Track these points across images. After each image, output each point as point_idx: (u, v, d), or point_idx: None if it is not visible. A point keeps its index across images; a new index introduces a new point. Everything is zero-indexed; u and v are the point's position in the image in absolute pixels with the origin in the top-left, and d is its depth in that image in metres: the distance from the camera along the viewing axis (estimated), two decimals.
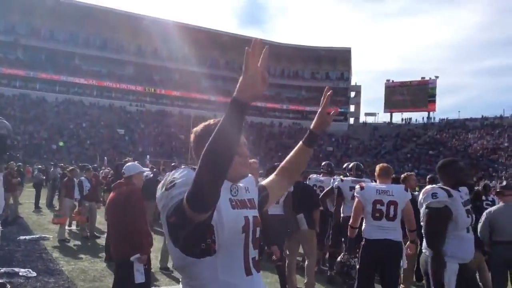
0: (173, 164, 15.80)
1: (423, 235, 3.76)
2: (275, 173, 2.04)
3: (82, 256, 8.09)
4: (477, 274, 5.75)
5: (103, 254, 8.13)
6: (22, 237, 9.34)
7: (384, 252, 4.56)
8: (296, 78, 68.66)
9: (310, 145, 2.00)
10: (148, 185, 11.36)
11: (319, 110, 1.95)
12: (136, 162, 5.32)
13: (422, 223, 3.79)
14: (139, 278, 4.10)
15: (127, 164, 4.74)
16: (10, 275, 6.18)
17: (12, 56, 54.99)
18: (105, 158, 28.73)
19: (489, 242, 5.30)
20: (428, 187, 3.91)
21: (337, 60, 67.38)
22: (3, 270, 6.37)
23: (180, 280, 1.65)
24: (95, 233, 10.15)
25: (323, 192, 7.41)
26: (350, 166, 7.19)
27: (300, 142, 2.01)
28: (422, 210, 3.78)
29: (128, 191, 4.39)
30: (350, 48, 68.12)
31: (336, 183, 6.83)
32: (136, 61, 60.65)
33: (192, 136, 1.73)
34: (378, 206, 4.63)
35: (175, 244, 1.54)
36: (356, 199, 4.83)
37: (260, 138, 57.41)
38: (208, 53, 64.76)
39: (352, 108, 69.35)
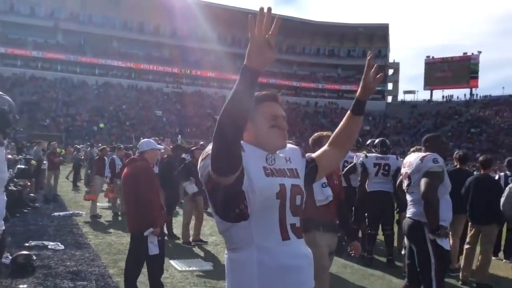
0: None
1: (423, 200, 3.72)
2: (327, 144, 2.02)
3: (111, 231, 8.42)
4: None
5: None
6: (56, 213, 9.81)
7: None
8: (332, 57, 67.52)
9: (358, 112, 1.95)
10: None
11: (363, 76, 1.90)
12: (152, 139, 5.50)
13: (421, 188, 3.74)
14: (153, 250, 4.24)
15: (141, 141, 4.87)
16: (39, 248, 6.53)
17: (52, 41, 56.73)
18: (141, 138, 29.36)
19: None
20: (424, 154, 3.89)
21: (374, 37, 65.72)
22: (33, 243, 6.73)
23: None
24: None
25: (346, 168, 7.40)
26: (375, 142, 7.09)
27: (348, 111, 1.98)
28: (417, 176, 3.80)
29: (139, 167, 4.51)
30: (387, 24, 66.45)
31: (361, 159, 6.78)
32: (172, 43, 61.31)
33: None
34: None
35: (214, 210, 1.65)
36: None
37: (295, 118, 57.16)
38: (243, 34, 64.60)
39: (390, 86, 67.78)
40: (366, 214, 7.02)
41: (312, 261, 1.76)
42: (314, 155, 1.99)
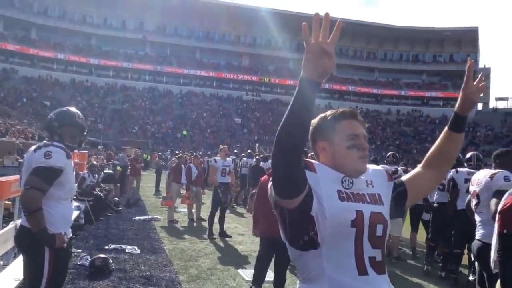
0: None
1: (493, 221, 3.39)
2: (420, 165, 1.79)
3: (186, 236, 8.67)
4: None
5: (205, 236, 8.67)
6: (136, 217, 10.31)
7: None
8: (416, 62, 64.86)
9: (457, 129, 1.69)
10: (253, 172, 11.82)
11: (462, 86, 1.68)
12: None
13: (491, 208, 3.42)
14: None
15: None
16: (117, 251, 6.89)
17: (141, 52, 60.22)
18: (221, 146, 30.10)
19: None
20: (494, 171, 3.59)
21: (462, 41, 62.12)
22: (113, 246, 7.12)
23: None
24: (201, 216, 10.78)
25: None
26: (469, 156, 6.54)
27: (446, 128, 1.72)
28: (486, 195, 3.51)
29: None
30: (477, 27, 62.37)
31: (450, 173, 6.31)
32: (251, 52, 62.58)
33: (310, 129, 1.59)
34: None
35: (283, 236, 1.53)
36: None
37: (376, 126, 55.57)
38: None
39: None
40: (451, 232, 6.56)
41: None
42: (404, 178, 1.76)
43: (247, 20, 57.83)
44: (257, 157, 12.78)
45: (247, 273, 6.13)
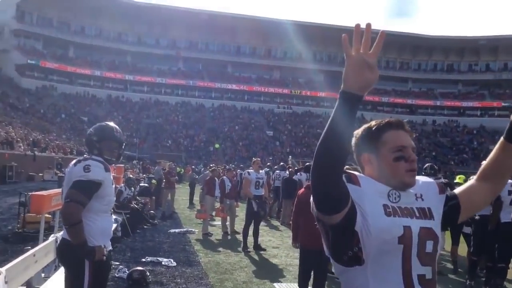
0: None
1: None
2: (475, 178, 1.68)
3: (220, 249, 8.67)
4: None
5: (239, 249, 8.64)
6: (172, 230, 10.41)
7: None
8: (451, 72, 63.55)
9: None
10: (286, 185, 11.77)
11: None
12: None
13: None
14: None
15: None
16: (154, 264, 6.95)
17: (174, 68, 61.45)
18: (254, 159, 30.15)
19: None
20: None
21: (499, 50, 60.52)
22: (149, 259, 7.20)
23: None
24: (235, 229, 10.78)
25: None
26: None
27: (501, 138, 1.59)
28: None
29: None
30: None
31: None
32: (282, 65, 62.85)
33: (353, 139, 1.56)
34: None
35: (327, 251, 1.49)
36: None
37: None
38: None
39: None
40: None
41: None
42: (457, 190, 1.65)
43: (277, 34, 58.10)
44: (290, 169, 12.73)
45: (283, 287, 6.07)
